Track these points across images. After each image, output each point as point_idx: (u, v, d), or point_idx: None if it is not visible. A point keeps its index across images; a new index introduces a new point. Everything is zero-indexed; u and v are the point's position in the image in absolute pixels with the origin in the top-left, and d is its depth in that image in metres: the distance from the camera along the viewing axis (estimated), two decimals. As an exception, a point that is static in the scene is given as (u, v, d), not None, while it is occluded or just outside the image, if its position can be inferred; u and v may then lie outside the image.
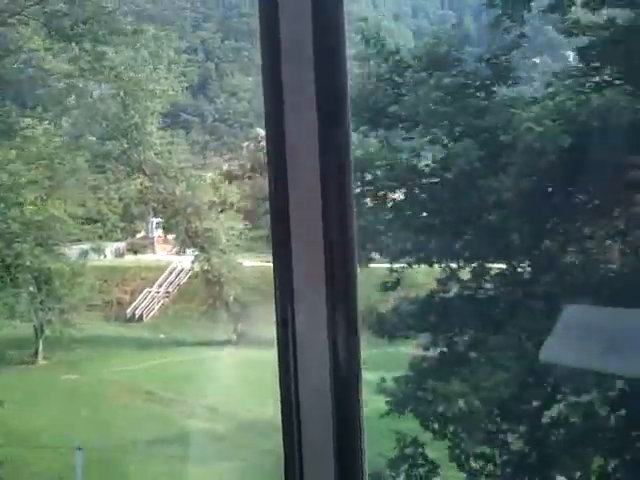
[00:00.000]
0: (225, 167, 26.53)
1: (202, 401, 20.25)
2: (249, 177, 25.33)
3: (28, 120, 21.92)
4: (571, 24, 12.62)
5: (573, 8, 12.62)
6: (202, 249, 23.33)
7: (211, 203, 23.15)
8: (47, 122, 22.38)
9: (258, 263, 23.63)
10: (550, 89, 12.89)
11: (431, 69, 13.30)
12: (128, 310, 25.69)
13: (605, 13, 12.37)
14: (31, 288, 21.86)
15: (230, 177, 24.61)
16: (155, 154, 23.66)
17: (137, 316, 25.59)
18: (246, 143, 27.46)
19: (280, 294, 1.66)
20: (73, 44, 20.32)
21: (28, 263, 21.39)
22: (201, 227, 23.34)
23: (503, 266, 13.63)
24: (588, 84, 12.66)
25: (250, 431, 18.60)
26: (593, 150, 11.34)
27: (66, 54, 20.82)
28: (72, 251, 25.35)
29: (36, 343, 22.66)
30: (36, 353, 22.67)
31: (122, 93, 22.80)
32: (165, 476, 17.35)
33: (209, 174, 24.35)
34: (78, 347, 23.17)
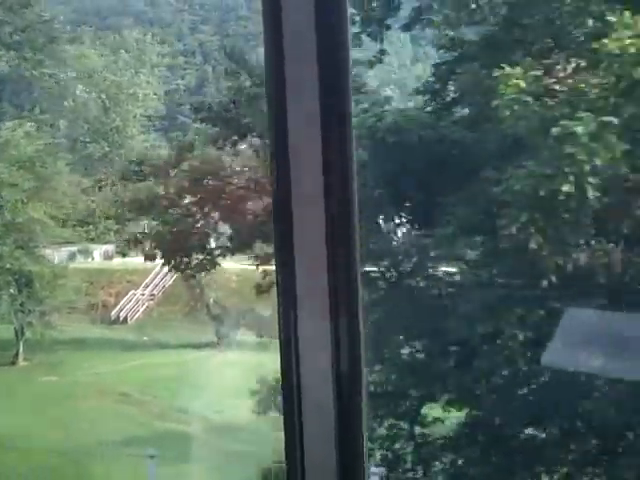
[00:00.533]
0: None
1: (177, 403, 20.31)
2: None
3: (9, 123, 22.13)
4: (448, 40, 12.63)
5: (442, 25, 12.66)
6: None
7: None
8: (30, 125, 22.56)
9: (239, 265, 23.60)
10: (363, 105, 13.01)
11: None
12: (113, 312, 25.78)
13: (464, 31, 12.40)
14: (11, 290, 22.02)
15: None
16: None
17: (121, 318, 25.67)
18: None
19: (283, 301, 1.66)
20: (13, 52, 20.49)
21: (8, 265, 21.58)
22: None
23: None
24: (438, 100, 12.76)
25: (223, 433, 18.68)
26: (388, 164, 11.38)
27: (6, 62, 20.96)
28: (61, 253, 25.49)
29: (17, 345, 22.77)
30: (17, 355, 22.77)
31: (103, 96, 22.96)
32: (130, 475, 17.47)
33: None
34: (61, 349, 23.27)
